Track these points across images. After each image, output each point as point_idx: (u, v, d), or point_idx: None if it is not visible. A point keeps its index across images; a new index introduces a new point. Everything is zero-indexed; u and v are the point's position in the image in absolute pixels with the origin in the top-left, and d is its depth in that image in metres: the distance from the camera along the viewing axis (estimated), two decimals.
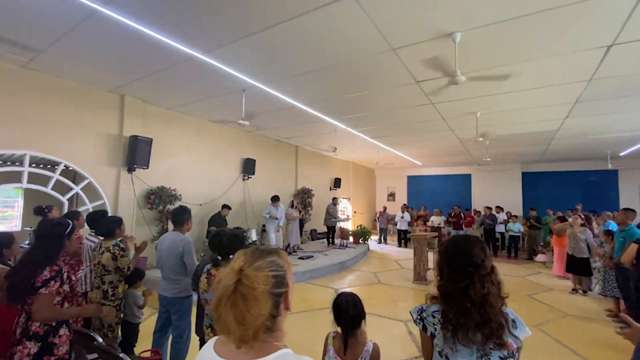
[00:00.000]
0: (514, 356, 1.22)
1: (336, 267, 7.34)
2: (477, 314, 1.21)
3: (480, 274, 1.26)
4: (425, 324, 1.33)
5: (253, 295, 0.79)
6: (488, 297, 1.23)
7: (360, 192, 14.83)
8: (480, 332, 1.20)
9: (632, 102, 5.55)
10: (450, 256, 1.34)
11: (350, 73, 4.59)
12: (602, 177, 11.93)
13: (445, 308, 1.28)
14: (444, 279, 1.33)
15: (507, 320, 1.23)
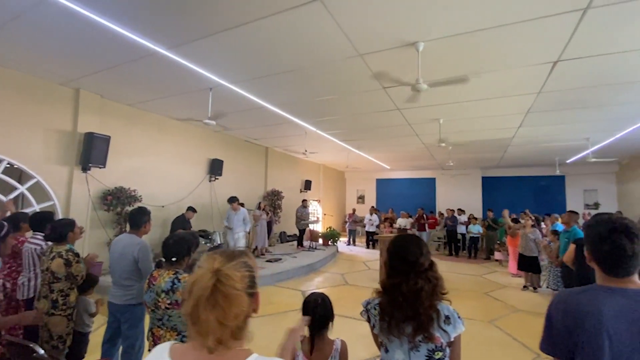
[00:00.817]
0: (442, 350, 1.30)
1: (304, 270, 7.33)
2: (408, 307, 1.30)
3: (415, 271, 1.35)
4: (369, 315, 1.45)
5: (235, 294, 0.79)
6: (420, 293, 1.30)
7: (330, 195, 14.96)
8: (411, 325, 1.29)
9: (576, 115, 6.09)
10: (390, 254, 1.45)
11: (320, 76, 4.63)
12: (551, 182, 12.96)
13: (382, 300, 1.39)
14: (385, 275, 1.44)
15: (439, 315, 1.31)
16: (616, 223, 1.14)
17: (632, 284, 1.11)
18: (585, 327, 1.09)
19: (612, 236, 1.12)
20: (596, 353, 1.05)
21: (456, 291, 6.37)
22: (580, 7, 2.93)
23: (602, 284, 1.17)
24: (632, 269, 1.11)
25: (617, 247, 1.11)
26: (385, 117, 6.52)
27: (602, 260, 1.16)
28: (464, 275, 7.79)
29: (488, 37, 3.47)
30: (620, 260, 1.11)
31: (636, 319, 1.04)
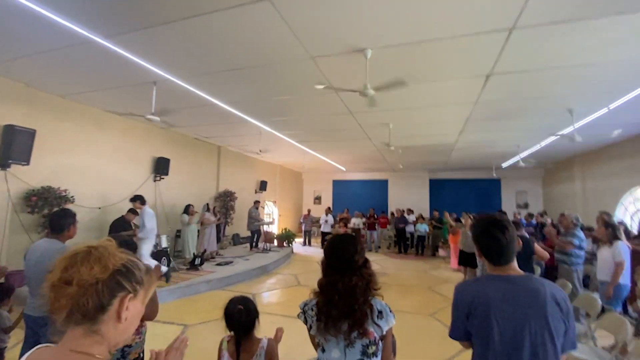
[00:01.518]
0: (376, 344, 1.36)
1: (256, 272, 7.20)
2: (344, 304, 1.34)
3: (351, 268, 1.40)
4: (306, 317, 1.46)
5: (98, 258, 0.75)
6: (355, 289, 1.36)
7: (287, 195, 14.89)
8: (346, 322, 1.33)
9: (507, 124, 6.74)
10: (327, 253, 1.48)
11: (273, 76, 4.59)
12: (489, 184, 14.19)
13: (319, 300, 1.41)
14: (323, 274, 1.47)
15: (373, 310, 1.37)
16: (490, 219, 1.38)
17: (512, 271, 1.33)
18: (477, 311, 1.28)
19: (489, 230, 1.34)
20: (487, 333, 1.25)
21: (403, 287, 6.72)
22: (506, 27, 3.25)
23: (490, 274, 1.37)
24: (509, 257, 1.33)
25: (494, 239, 1.32)
26: (339, 120, 6.65)
27: (487, 252, 1.37)
28: (411, 272, 8.23)
29: (430, 48, 3.70)
30: (498, 250, 1.32)
31: (518, 301, 1.25)
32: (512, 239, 1.33)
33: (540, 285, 1.27)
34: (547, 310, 1.22)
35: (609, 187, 8.83)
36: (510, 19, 3.12)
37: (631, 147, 7.82)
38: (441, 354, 3.69)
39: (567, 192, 11.20)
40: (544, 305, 1.23)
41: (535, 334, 1.21)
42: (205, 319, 4.48)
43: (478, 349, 1.31)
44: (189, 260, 6.83)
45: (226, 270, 6.80)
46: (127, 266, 0.79)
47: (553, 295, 1.25)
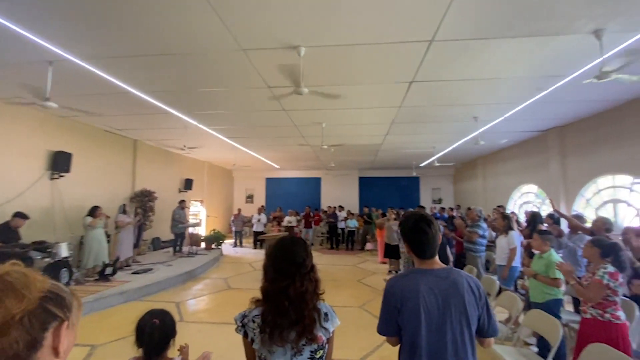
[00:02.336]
0: (323, 347, 1.33)
1: (181, 278, 6.64)
2: (293, 312, 1.27)
3: (301, 273, 1.33)
4: (247, 330, 1.33)
5: (15, 288, 0.60)
6: (305, 295, 1.30)
7: (216, 194, 14.08)
8: (294, 330, 1.26)
9: (426, 127, 7.42)
10: (275, 257, 1.37)
11: (200, 66, 4.24)
12: (410, 182, 15.56)
13: (265, 309, 1.31)
14: (268, 280, 1.36)
15: (320, 314, 1.33)
16: (417, 215, 1.49)
17: (437, 265, 1.45)
18: (408, 303, 1.37)
19: (417, 225, 1.44)
20: (416, 324, 1.35)
21: (335, 281, 6.92)
22: (426, 39, 3.54)
23: (418, 267, 1.47)
24: (434, 251, 1.45)
25: (421, 232, 1.42)
26: (271, 116, 6.51)
27: (414, 247, 1.46)
28: (342, 266, 8.54)
29: (360, 52, 3.83)
30: (425, 243, 1.43)
31: (442, 292, 1.37)
32: (437, 233, 1.44)
33: (460, 277, 1.41)
34: (465, 299, 1.36)
35: (502, 184, 10.44)
36: (430, 32, 3.41)
37: (518, 151, 9.34)
38: (371, 343, 3.88)
39: (472, 188, 12.91)
40: (463, 295, 1.36)
41: (455, 321, 1.34)
42: (117, 336, 3.94)
43: (407, 341, 1.38)
44: (95, 270, 5.94)
45: (145, 278, 6.11)
46: (54, 291, 0.66)
47: (469, 284, 1.39)
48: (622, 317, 2.45)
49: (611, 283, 2.41)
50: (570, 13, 3.05)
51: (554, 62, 4.08)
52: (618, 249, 2.56)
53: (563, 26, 3.27)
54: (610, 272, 2.44)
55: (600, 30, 3.31)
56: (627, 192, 5.97)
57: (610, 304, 2.44)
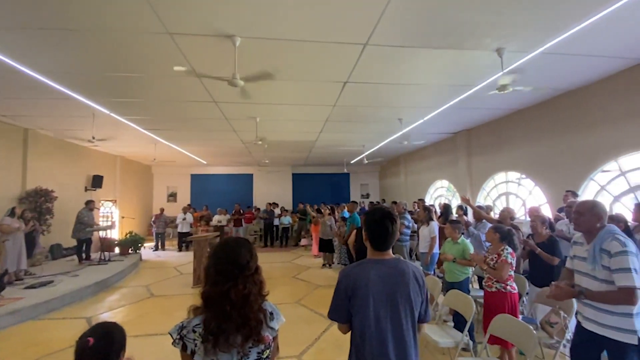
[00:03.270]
0: (269, 347, 1.31)
1: (91, 289, 5.78)
2: (238, 316, 1.21)
3: (244, 275, 1.27)
4: (185, 342, 1.22)
5: None
6: (248, 297, 1.24)
7: (131, 193, 12.58)
8: (240, 334, 1.21)
9: (357, 127, 7.80)
10: (218, 258, 1.29)
11: (116, 46, 3.71)
12: (341, 178, 16.21)
13: (207, 316, 1.21)
14: (209, 284, 1.26)
15: (266, 314, 1.30)
16: (384, 211, 1.58)
17: (388, 256, 1.56)
18: (359, 291, 1.45)
19: (383, 220, 1.53)
20: (365, 310, 1.44)
21: (270, 279, 6.82)
22: (361, 42, 3.70)
23: (370, 258, 1.56)
24: (390, 244, 1.56)
25: (385, 228, 1.52)
26: (201, 108, 6.07)
27: (375, 238, 1.54)
28: (277, 263, 8.48)
29: (297, 48, 3.82)
30: (385, 238, 1.52)
31: (389, 280, 1.48)
32: (397, 230, 1.56)
33: (406, 266, 1.53)
34: (410, 287, 1.48)
35: (421, 180, 11.61)
36: (364, 36, 3.57)
37: (434, 151, 10.48)
38: (309, 337, 3.95)
39: (396, 183, 14.05)
40: (408, 283, 1.48)
41: (402, 308, 1.45)
42: None
43: (357, 327, 1.46)
44: None
45: (43, 293, 5.14)
46: None
47: (414, 273, 1.53)
48: (516, 287, 2.99)
49: (512, 261, 2.91)
50: (478, 32, 3.52)
51: (464, 73, 4.66)
52: (512, 233, 3.10)
53: (473, 43, 3.76)
54: (511, 252, 2.94)
55: (501, 49, 3.89)
56: (516, 186, 7.20)
57: (510, 278, 2.94)
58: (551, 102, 5.88)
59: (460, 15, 3.19)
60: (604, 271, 1.95)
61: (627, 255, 1.87)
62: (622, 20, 3.34)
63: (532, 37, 3.64)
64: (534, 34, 3.58)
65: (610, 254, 1.92)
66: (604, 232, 2.01)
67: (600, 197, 5.17)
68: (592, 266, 2.00)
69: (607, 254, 1.94)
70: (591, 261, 2.00)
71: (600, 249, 1.97)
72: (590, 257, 2.01)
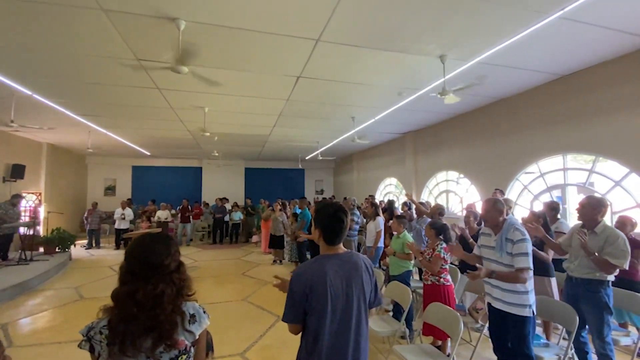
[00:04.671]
0: (187, 352, 1.21)
1: (8, 293, 5.08)
2: (146, 317, 1.12)
3: (158, 275, 1.17)
4: (92, 344, 1.13)
5: None
6: (161, 299, 1.14)
7: (61, 185, 11.26)
8: (150, 337, 1.12)
9: (310, 123, 7.82)
10: (129, 257, 1.20)
11: (41, 19, 3.26)
12: (296, 174, 16.17)
13: (112, 317, 1.12)
14: (119, 283, 1.17)
15: (184, 317, 1.20)
16: (336, 205, 1.61)
17: (341, 250, 1.59)
18: (317, 287, 1.44)
19: (336, 214, 1.55)
20: (323, 304, 1.44)
21: (217, 277, 6.62)
22: (313, 37, 3.70)
23: (324, 253, 1.57)
24: (343, 238, 1.58)
25: (339, 221, 1.53)
26: (141, 94, 5.61)
27: (328, 233, 1.55)
28: (226, 260, 8.22)
29: (248, 38, 3.69)
30: (339, 231, 1.54)
31: (345, 274, 1.51)
32: (348, 223, 1.59)
33: (358, 259, 1.59)
34: (363, 278, 1.54)
35: (372, 177, 12.04)
36: (317, 32, 3.57)
37: (385, 149, 10.93)
38: (253, 333, 3.89)
39: (349, 180, 14.41)
40: (362, 274, 1.54)
41: (357, 299, 1.50)
42: None
43: (313, 323, 1.44)
44: None
45: None
46: None
47: (365, 265, 1.59)
48: (450, 279, 3.22)
49: (445, 255, 3.13)
50: (422, 38, 3.72)
51: (411, 76, 4.90)
52: (446, 228, 3.35)
53: (418, 48, 3.96)
54: (444, 247, 3.16)
55: (444, 56, 4.16)
56: (454, 184, 7.80)
57: (443, 271, 3.17)
58: (486, 108, 6.46)
59: (406, 19, 3.34)
60: (508, 257, 2.34)
61: (524, 242, 2.30)
62: (542, 39, 3.76)
63: (470, 46, 3.94)
64: (472, 44, 3.88)
65: (513, 242, 2.32)
66: (507, 224, 2.39)
67: (523, 196, 5.82)
68: (500, 253, 2.39)
69: (510, 242, 2.34)
70: (499, 249, 2.39)
71: (505, 238, 2.36)
72: (497, 246, 2.40)
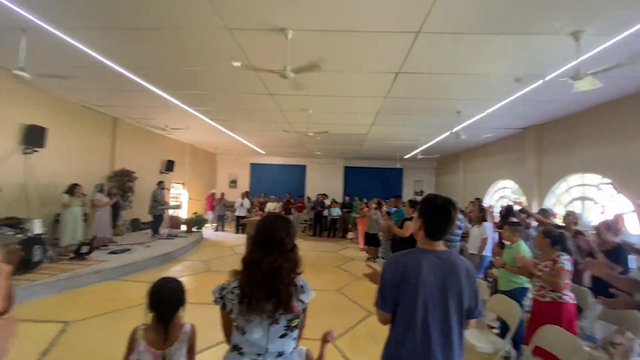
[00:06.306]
0: (299, 317, 1.42)
1: (159, 260, 6.60)
2: (268, 285, 1.34)
3: (278, 250, 1.39)
4: (225, 302, 1.39)
5: None
6: (280, 271, 1.36)
7: (198, 178, 13.87)
8: (270, 302, 1.34)
9: (410, 120, 7.53)
10: (258, 230, 1.44)
11: (184, 43, 4.13)
12: (393, 173, 15.79)
13: (242, 280, 1.37)
14: (248, 251, 1.43)
15: (297, 287, 1.41)
16: (444, 197, 1.52)
17: (439, 247, 1.50)
18: (409, 279, 1.41)
19: (445, 206, 1.47)
20: (413, 299, 1.40)
21: (315, 266, 7.05)
22: (413, 30, 3.57)
23: (421, 247, 1.51)
24: (447, 233, 1.50)
25: (446, 214, 1.46)
26: (257, 100, 6.43)
27: (431, 226, 1.48)
28: (323, 252, 8.69)
29: (348, 39, 3.83)
30: (445, 226, 1.46)
31: (441, 271, 1.42)
32: (456, 219, 1.50)
33: (458, 259, 1.48)
34: (461, 281, 1.42)
35: (481, 179, 10.77)
36: (417, 24, 3.44)
37: (498, 147, 9.63)
38: (345, 324, 4.03)
39: (453, 181, 13.25)
40: (460, 277, 1.42)
41: (451, 301, 1.40)
42: (92, 314, 3.93)
43: (402, 315, 1.43)
44: (70, 249, 5.84)
45: (122, 258, 6.04)
46: None
47: (466, 268, 1.46)
48: (574, 297, 2.67)
49: (570, 267, 2.62)
50: (549, 13, 3.14)
51: (534, 61, 4.20)
52: (565, 237, 2.77)
53: (543, 26, 3.37)
54: (568, 258, 2.64)
55: (578, 32, 3.43)
56: (595, 190, 6.30)
57: (567, 286, 2.64)
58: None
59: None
60: None
61: None
62: None
63: (617, 17, 3.14)
64: (619, 14, 3.09)
65: None
66: None
67: None
68: None
69: None
70: None
71: None
72: None
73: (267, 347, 1.36)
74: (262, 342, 1.35)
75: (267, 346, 1.36)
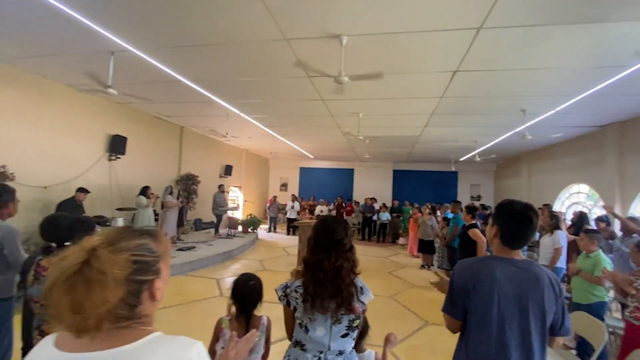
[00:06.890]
0: (359, 317, 1.45)
1: (220, 257, 7.07)
2: (330, 285, 1.38)
3: (337, 250, 1.43)
4: (289, 299, 1.45)
5: (100, 280, 0.66)
6: (341, 271, 1.40)
7: (252, 181, 14.62)
8: (334, 301, 1.38)
9: (468, 119, 7.12)
10: (317, 232, 1.49)
11: (243, 55, 4.42)
12: (447, 176, 15.02)
13: (306, 280, 1.42)
14: (308, 252, 1.48)
15: (357, 288, 1.44)
16: (524, 203, 1.40)
17: (517, 256, 1.39)
18: (482, 288, 1.33)
19: (525, 212, 1.36)
20: (487, 309, 1.31)
21: (365, 271, 6.94)
22: (474, 26, 3.40)
23: (497, 255, 1.42)
24: (527, 241, 1.39)
25: (527, 222, 1.35)
26: (309, 106, 6.61)
27: (510, 234, 1.37)
28: (373, 257, 8.57)
29: (403, 40, 3.78)
30: (525, 234, 1.35)
31: (519, 282, 1.32)
32: (537, 227, 1.39)
33: (541, 271, 1.36)
34: (544, 293, 1.31)
35: (549, 183, 9.77)
36: (479, 19, 3.27)
37: (569, 148, 8.67)
38: (400, 332, 3.92)
39: (515, 185, 12.20)
40: (543, 289, 1.31)
41: (532, 314, 1.29)
42: (162, 305, 4.33)
43: (474, 326, 1.34)
44: None
45: (188, 255, 6.59)
46: (137, 259, 0.73)
47: (550, 279, 1.35)
48: None
49: None
50: None
51: (614, 51, 3.74)
52: None
53: (626, 12, 2.99)
54: None
55: None
56: None
57: None
58: None
59: None
60: None
61: None
62: None
63: None
64: None
65: None
66: None
67: None
68: None
69: None
70: None
71: None
72: None
73: (330, 345, 1.40)
74: (324, 341, 1.39)
75: (330, 344, 1.40)
